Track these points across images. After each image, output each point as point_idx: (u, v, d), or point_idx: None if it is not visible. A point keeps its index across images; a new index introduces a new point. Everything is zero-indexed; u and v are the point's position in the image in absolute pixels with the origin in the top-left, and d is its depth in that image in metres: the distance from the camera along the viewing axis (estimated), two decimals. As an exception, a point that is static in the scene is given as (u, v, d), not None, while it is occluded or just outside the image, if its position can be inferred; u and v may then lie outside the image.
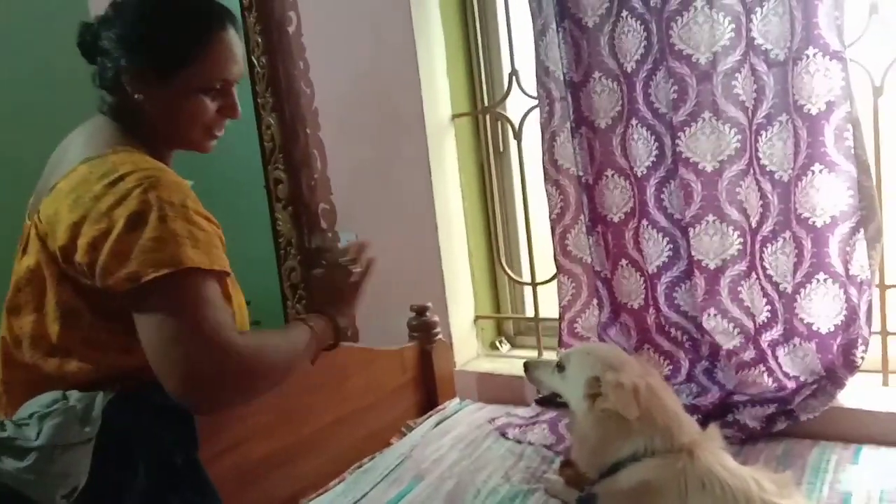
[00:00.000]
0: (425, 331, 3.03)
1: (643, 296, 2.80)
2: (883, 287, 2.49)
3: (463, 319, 3.33)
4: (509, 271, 3.36)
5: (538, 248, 3.17)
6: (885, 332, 2.52)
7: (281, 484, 2.38)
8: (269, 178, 3.42)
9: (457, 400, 3.10)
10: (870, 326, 2.35)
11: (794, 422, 2.46)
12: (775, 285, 2.47)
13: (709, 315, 2.66)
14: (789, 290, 2.43)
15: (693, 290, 2.63)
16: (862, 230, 2.30)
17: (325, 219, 3.43)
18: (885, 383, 2.55)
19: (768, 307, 2.52)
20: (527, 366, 2.13)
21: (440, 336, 3.08)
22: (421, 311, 3.02)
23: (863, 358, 2.36)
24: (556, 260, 2.94)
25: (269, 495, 2.33)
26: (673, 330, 2.74)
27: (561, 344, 3.01)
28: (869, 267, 2.31)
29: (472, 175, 3.33)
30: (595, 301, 2.91)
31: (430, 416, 2.93)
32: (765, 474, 1.67)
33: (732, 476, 1.55)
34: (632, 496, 1.62)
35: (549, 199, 2.90)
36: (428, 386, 3.01)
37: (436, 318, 3.06)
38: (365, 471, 2.56)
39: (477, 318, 3.40)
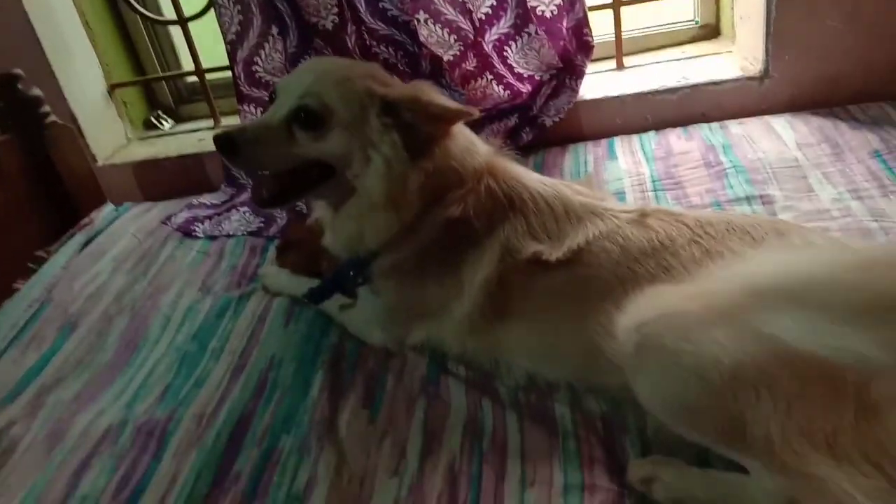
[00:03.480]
0: (25, 113, 1.96)
1: (336, 8, 2.03)
2: (612, -56, 2.07)
3: (89, 92, 2.32)
4: (140, 6, 2.32)
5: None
6: (617, 3, 2.14)
7: None
8: None
9: (108, 206, 2.18)
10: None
11: (539, 130, 2.07)
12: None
13: (419, 22, 2.03)
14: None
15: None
16: None
17: None
18: (620, 65, 2.23)
19: (494, -9, 1.96)
20: (231, 144, 1.25)
21: (53, 119, 2.04)
22: (6, 82, 1.92)
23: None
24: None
25: None
26: (384, 48, 2.07)
27: (241, 100, 2.19)
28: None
29: None
30: (275, 29, 2.08)
31: (72, 235, 2.00)
32: (567, 182, 1.36)
33: (544, 186, 1.30)
34: (440, 241, 1.28)
35: None
36: (56, 195, 2.02)
37: (37, 93, 1.99)
38: (-25, 341, 1.64)
39: (112, 87, 2.38)
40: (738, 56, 2.13)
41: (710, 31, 2.33)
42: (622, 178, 1.80)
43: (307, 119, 1.24)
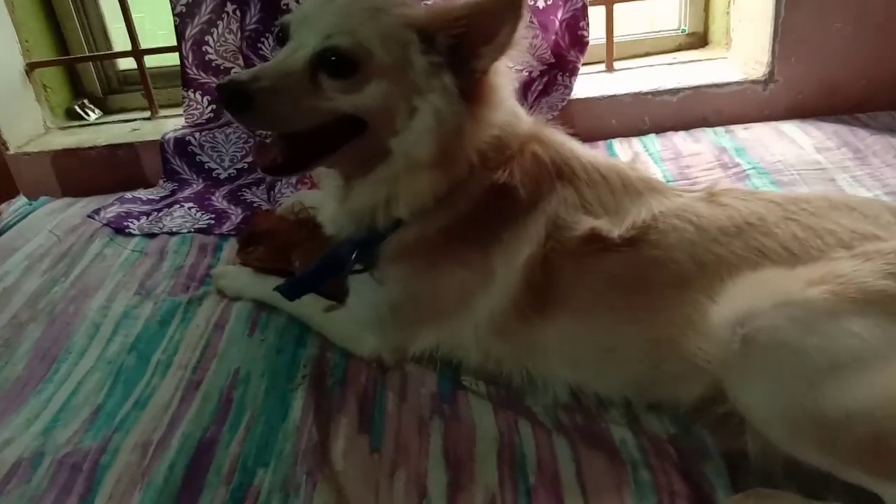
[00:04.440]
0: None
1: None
2: (611, -64, 1.93)
3: (3, 70, 1.96)
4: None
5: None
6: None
7: None
8: None
9: (21, 199, 1.82)
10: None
11: (530, 128, 1.86)
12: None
13: None
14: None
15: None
16: None
17: None
18: (610, 68, 2.08)
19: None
20: (242, 96, 0.93)
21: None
22: None
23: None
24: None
25: None
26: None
27: (187, 84, 1.91)
28: None
29: None
30: (231, 4, 1.82)
31: (-28, 230, 1.64)
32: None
33: (596, 157, 1.11)
34: (475, 214, 1.02)
35: None
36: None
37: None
38: None
39: (31, 66, 2.03)
40: (735, 62, 2.02)
41: (696, 39, 2.22)
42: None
43: (337, 64, 0.95)
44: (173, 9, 1.84)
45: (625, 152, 1.79)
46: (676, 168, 1.65)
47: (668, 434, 0.95)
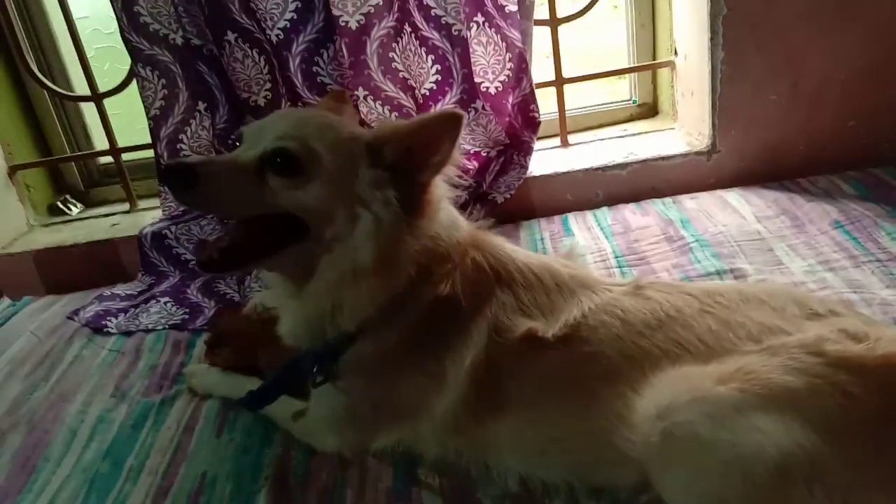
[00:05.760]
0: None
1: (270, 83, 1.90)
2: (555, 21, 2.05)
3: (-14, 174, 2.06)
4: (48, 81, 2.12)
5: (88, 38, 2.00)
6: (560, 81, 2.11)
7: None
8: None
9: (4, 301, 1.90)
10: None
11: (490, 207, 1.97)
12: (446, 29, 1.83)
13: (359, 98, 1.92)
14: (463, 31, 1.81)
15: (336, 60, 1.84)
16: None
17: None
18: (565, 143, 2.19)
19: (437, 65, 1.89)
20: (187, 175, 1.01)
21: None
22: None
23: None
24: (132, 54, 1.86)
25: None
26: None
27: (164, 179, 1.99)
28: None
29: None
30: (202, 105, 1.93)
31: (-44, 337, 1.71)
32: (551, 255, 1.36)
33: (530, 258, 1.19)
34: (424, 324, 1.10)
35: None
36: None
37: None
38: None
39: (14, 168, 2.13)
40: (681, 132, 2.13)
41: (647, 109, 2.34)
42: (583, 254, 1.70)
43: (284, 163, 1.03)
44: (147, 112, 1.95)
45: (579, 225, 1.88)
46: (625, 243, 1.73)
47: (605, 519, 1.01)
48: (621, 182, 2.01)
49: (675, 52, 2.11)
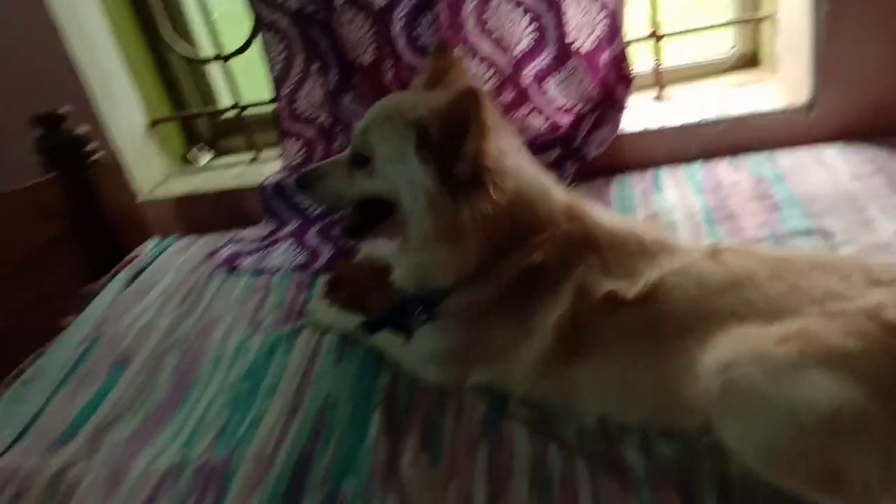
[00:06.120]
0: (71, 152, 1.98)
1: (374, 43, 2.04)
2: (654, -24, 2.06)
3: (130, 128, 2.34)
4: (179, 45, 2.35)
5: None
6: (657, 35, 2.13)
7: None
8: None
9: (154, 240, 2.19)
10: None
11: (582, 162, 2.05)
12: (544, -6, 1.90)
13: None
14: (561, -2, 1.88)
15: (435, 24, 1.95)
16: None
17: None
18: (660, 96, 2.22)
19: (532, 25, 1.96)
20: (306, 181, 1.42)
21: (99, 156, 2.06)
22: (53, 121, 1.94)
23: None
24: (257, 20, 2.04)
25: None
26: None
27: (284, 134, 2.21)
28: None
29: None
30: (317, 64, 2.10)
31: (118, 271, 2.01)
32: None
33: (617, 224, 1.32)
34: (516, 286, 1.26)
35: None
36: (100, 232, 2.03)
37: (83, 130, 2.01)
38: (27, 381, 1.64)
39: (154, 122, 2.40)
40: (780, 85, 2.11)
41: (747, 60, 2.32)
42: (673, 210, 1.77)
43: (357, 160, 1.33)
44: (271, 73, 2.14)
45: (670, 181, 1.94)
46: (716, 199, 1.79)
47: (674, 458, 1.14)
48: (716, 136, 2.03)
49: (778, 4, 2.08)
